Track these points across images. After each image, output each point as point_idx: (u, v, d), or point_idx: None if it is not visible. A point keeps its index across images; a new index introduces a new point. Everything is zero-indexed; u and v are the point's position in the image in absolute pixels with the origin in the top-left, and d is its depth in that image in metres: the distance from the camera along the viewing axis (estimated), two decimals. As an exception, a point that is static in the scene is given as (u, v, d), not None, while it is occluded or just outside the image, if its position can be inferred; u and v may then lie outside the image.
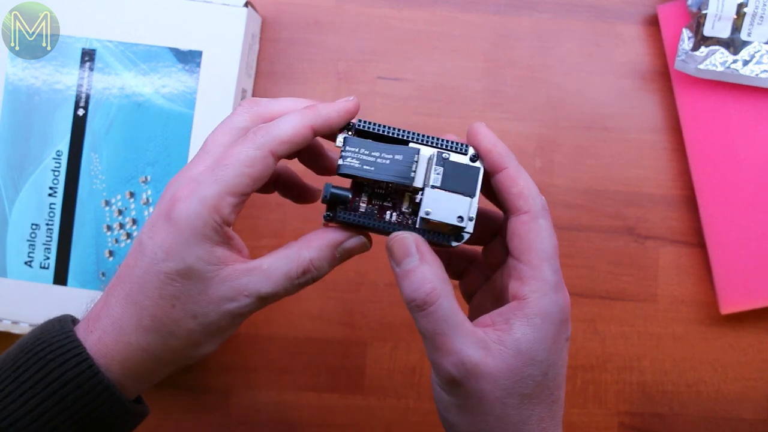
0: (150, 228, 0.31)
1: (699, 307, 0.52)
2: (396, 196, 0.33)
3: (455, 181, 0.32)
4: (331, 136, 0.34)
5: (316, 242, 0.32)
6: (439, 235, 0.32)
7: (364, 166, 0.32)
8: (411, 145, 0.32)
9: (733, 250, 0.50)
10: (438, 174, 0.32)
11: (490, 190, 0.34)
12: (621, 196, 0.52)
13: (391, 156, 0.32)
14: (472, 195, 0.32)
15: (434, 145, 0.33)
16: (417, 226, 0.32)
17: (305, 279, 0.32)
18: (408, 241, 0.31)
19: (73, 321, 0.34)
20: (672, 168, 0.52)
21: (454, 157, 0.32)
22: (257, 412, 0.52)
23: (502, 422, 0.31)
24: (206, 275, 0.31)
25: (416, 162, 0.32)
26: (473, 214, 0.32)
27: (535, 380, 0.31)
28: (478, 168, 0.32)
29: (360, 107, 0.33)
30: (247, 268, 0.31)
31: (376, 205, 0.33)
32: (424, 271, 0.31)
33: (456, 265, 0.39)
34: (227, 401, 0.52)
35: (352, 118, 0.33)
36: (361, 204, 0.33)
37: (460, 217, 0.31)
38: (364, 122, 0.33)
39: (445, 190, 0.32)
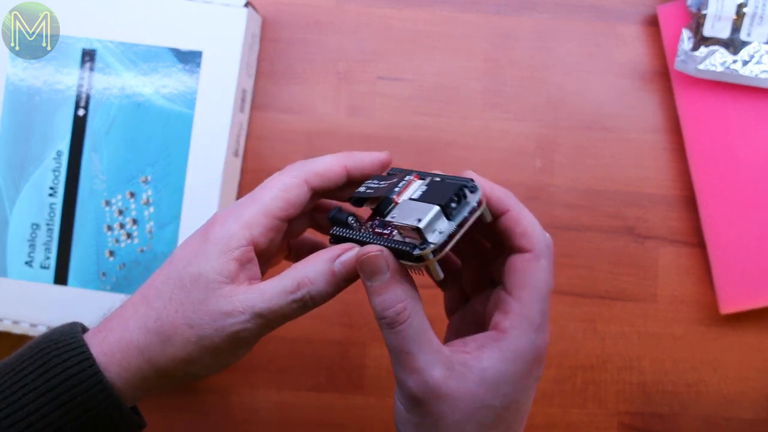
0: (184, 242, 0.33)
1: (699, 307, 0.52)
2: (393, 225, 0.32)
3: (431, 194, 0.31)
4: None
5: (313, 257, 0.32)
6: (406, 245, 0.30)
7: (367, 190, 0.33)
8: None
9: (732, 250, 0.50)
10: (419, 190, 0.32)
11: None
12: (621, 196, 0.52)
13: (389, 181, 0.33)
14: (440, 203, 0.30)
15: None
16: (394, 238, 0.31)
17: (300, 294, 0.31)
18: (379, 257, 0.30)
19: (83, 329, 0.34)
20: (672, 168, 0.52)
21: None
22: (257, 411, 0.52)
23: None
24: (210, 285, 0.31)
25: (405, 182, 0.33)
26: (443, 228, 0.29)
27: (496, 412, 0.31)
28: (457, 185, 0.30)
29: (392, 161, 0.36)
30: (247, 288, 0.32)
31: (377, 232, 0.33)
32: (396, 290, 0.31)
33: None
34: (227, 401, 0.52)
35: (384, 170, 0.35)
36: (363, 228, 0.33)
37: (419, 219, 0.29)
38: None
39: (418, 201, 0.31)
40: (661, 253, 0.52)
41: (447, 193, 0.30)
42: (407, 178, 0.33)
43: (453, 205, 0.30)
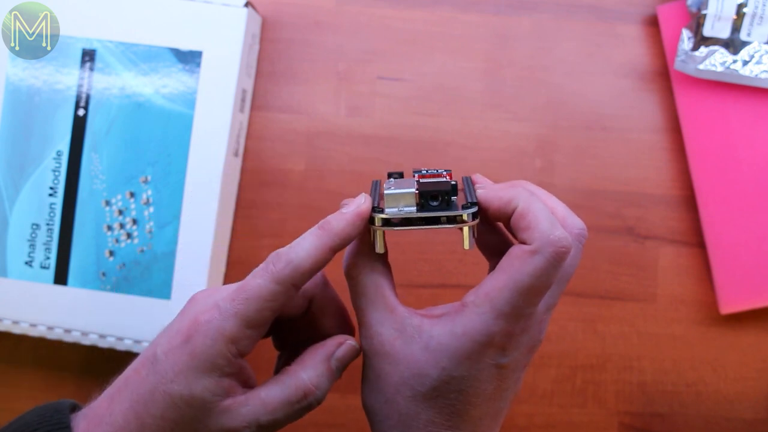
0: (167, 343, 0.31)
1: (699, 307, 0.52)
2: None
3: (431, 184, 0.32)
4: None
5: (311, 361, 0.32)
6: (377, 206, 0.32)
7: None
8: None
9: (732, 250, 0.50)
10: (435, 179, 0.33)
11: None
12: (621, 196, 0.52)
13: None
14: (419, 189, 0.31)
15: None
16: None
17: (307, 402, 0.32)
18: (348, 208, 0.32)
19: (72, 408, 0.33)
20: (672, 168, 0.52)
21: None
22: (257, 412, 0.52)
23: (390, 407, 0.32)
24: (208, 405, 0.30)
25: (438, 173, 0.34)
26: (406, 210, 0.31)
27: (432, 383, 0.31)
28: (448, 189, 0.31)
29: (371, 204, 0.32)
30: (246, 398, 0.31)
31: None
32: (353, 248, 0.33)
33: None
34: (227, 401, 0.52)
35: (363, 222, 0.32)
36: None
37: (390, 188, 0.31)
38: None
39: (418, 183, 0.32)
40: (661, 253, 0.52)
41: (434, 188, 0.31)
42: (444, 172, 0.33)
43: (432, 201, 0.31)
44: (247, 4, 0.49)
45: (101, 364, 0.52)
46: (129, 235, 0.49)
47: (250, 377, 0.32)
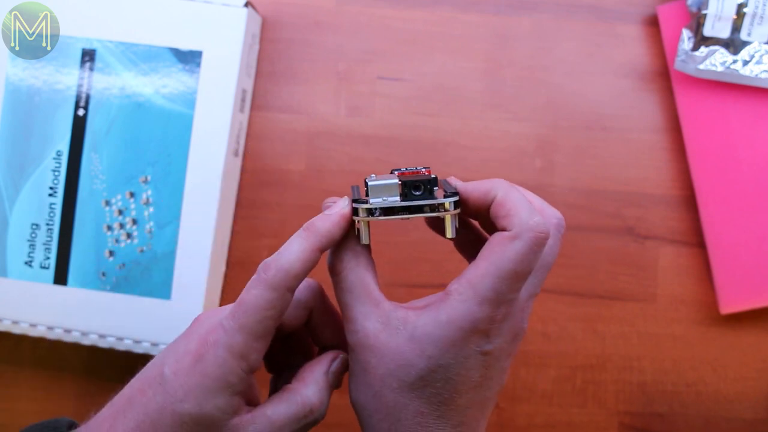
0: (175, 363, 0.31)
1: (699, 307, 0.52)
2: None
3: (413, 177, 0.33)
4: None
5: (310, 377, 0.34)
6: (359, 197, 0.33)
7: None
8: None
9: (733, 250, 0.50)
10: (416, 176, 0.34)
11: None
12: (621, 196, 0.52)
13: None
14: (402, 180, 0.32)
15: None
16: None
17: (313, 417, 0.33)
18: (332, 210, 0.32)
19: (70, 426, 0.33)
20: (672, 168, 0.52)
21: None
22: (257, 412, 0.52)
23: (378, 400, 0.32)
24: (217, 424, 0.31)
25: (416, 169, 0.34)
26: (390, 200, 0.32)
27: (419, 372, 0.31)
28: (433, 179, 0.32)
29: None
30: (253, 416, 0.32)
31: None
32: (337, 245, 0.33)
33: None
34: (227, 401, 0.52)
35: (346, 222, 0.33)
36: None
37: (373, 177, 0.33)
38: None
39: (402, 177, 0.33)
40: (661, 253, 0.52)
41: (416, 178, 0.32)
42: (422, 169, 0.34)
43: (414, 191, 0.32)
44: (247, 4, 0.49)
45: (101, 364, 0.52)
46: (129, 235, 0.49)
47: (255, 396, 0.33)
